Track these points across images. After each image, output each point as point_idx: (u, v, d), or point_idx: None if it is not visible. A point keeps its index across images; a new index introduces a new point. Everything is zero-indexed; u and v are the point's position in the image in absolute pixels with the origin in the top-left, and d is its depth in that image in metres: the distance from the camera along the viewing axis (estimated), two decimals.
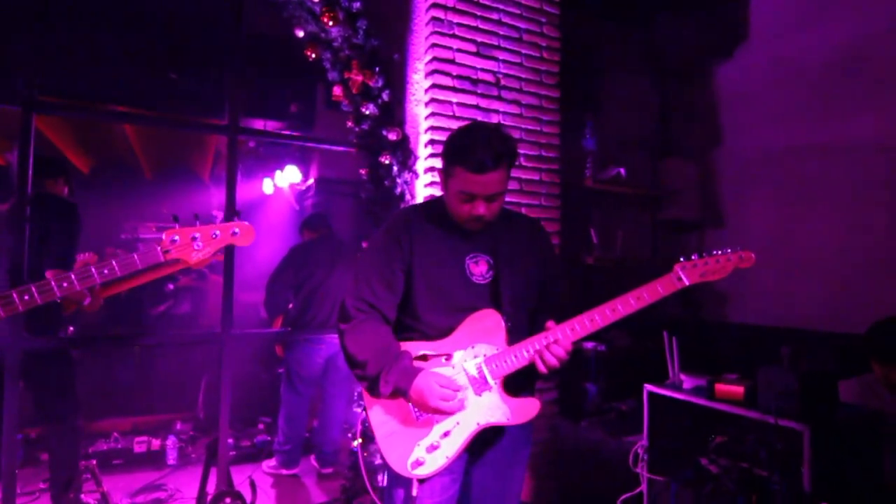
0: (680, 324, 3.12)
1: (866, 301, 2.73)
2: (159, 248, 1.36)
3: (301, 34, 2.66)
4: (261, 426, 3.93)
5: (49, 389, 2.51)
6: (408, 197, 2.72)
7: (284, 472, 3.41)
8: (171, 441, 3.49)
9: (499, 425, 1.46)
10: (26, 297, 1.25)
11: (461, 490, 1.53)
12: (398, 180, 2.68)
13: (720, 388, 2.21)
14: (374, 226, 2.70)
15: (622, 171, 3.63)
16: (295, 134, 3.97)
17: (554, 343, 1.42)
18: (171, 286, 4.64)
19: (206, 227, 1.39)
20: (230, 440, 3.54)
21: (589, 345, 3.23)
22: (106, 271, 1.30)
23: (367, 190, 2.76)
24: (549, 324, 1.46)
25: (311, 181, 5.41)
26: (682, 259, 1.51)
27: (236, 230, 1.42)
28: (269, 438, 3.76)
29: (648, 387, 2.46)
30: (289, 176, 5.27)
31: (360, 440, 2.65)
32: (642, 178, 3.86)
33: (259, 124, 4.31)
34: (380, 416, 1.47)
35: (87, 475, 2.50)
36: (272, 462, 3.46)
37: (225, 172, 2.59)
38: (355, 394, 2.74)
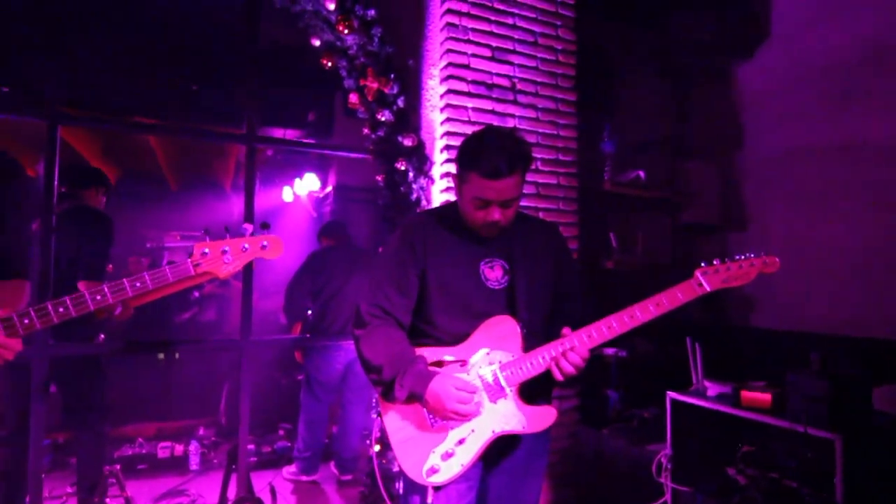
0: (703, 329, 3.05)
1: None
2: (190, 262, 1.36)
3: (317, 43, 2.69)
4: (281, 432, 3.96)
5: (78, 395, 2.56)
6: (424, 202, 2.72)
7: (304, 478, 3.42)
8: (193, 447, 3.53)
9: (514, 433, 1.44)
10: (61, 310, 1.26)
11: (477, 498, 1.51)
12: (414, 186, 2.68)
13: (746, 395, 2.14)
14: (391, 232, 2.70)
15: (641, 174, 3.57)
16: (311, 142, 4.02)
17: (570, 350, 1.40)
18: (196, 294, 4.72)
19: (235, 240, 1.39)
20: (251, 446, 3.58)
21: (610, 351, 3.17)
22: (138, 284, 1.31)
23: (383, 196, 2.77)
24: (566, 330, 1.43)
25: (329, 189, 5.46)
26: (703, 264, 1.47)
27: (265, 243, 1.42)
28: (289, 444, 3.78)
29: (671, 394, 2.40)
30: (308, 184, 5.33)
31: (377, 447, 2.65)
32: (662, 181, 3.80)
33: (279, 133, 4.37)
34: (395, 422, 1.46)
35: (111, 480, 2.54)
36: (292, 468, 3.47)
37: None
38: (373, 400, 2.74)
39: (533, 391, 1.47)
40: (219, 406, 4.20)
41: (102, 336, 2.79)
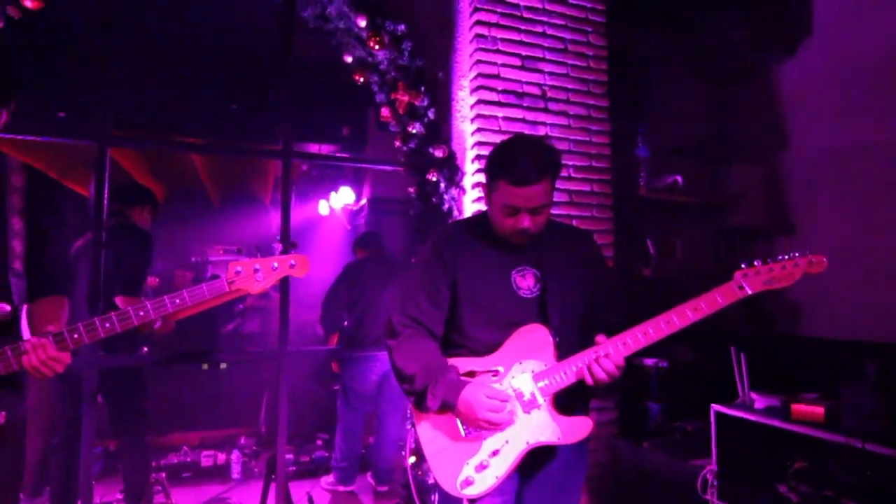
0: (748, 338, 2.92)
1: None
2: (225, 280, 1.44)
3: (349, 59, 2.75)
4: (319, 442, 4.01)
5: (121, 406, 2.66)
6: (455, 213, 2.73)
7: (341, 488, 3.44)
8: (235, 455, 3.61)
9: (549, 445, 1.41)
10: (108, 325, 1.35)
11: None
12: (445, 197, 2.70)
13: (797, 408, 2.04)
14: (423, 242, 2.72)
15: (679, 178, 3.48)
16: (344, 155, 4.10)
17: (604, 357, 1.36)
18: (240, 306, 4.87)
19: (266, 259, 1.48)
20: (290, 455, 3.63)
21: (650, 361, 3.08)
22: (178, 301, 1.40)
23: (415, 207, 2.79)
24: (600, 338, 1.40)
25: (364, 201, 5.55)
26: (742, 266, 1.42)
27: (293, 262, 1.49)
28: (326, 454, 3.82)
29: (716, 407, 2.31)
30: (343, 197, 5.43)
31: (412, 458, 2.64)
32: (701, 186, 3.69)
33: (314, 148, 4.48)
34: (428, 433, 1.45)
35: (157, 487, 2.62)
36: (330, 478, 3.50)
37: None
38: (408, 411, 2.74)
39: (568, 401, 1.44)
40: (258, 415, 4.29)
41: (146, 348, 2.90)
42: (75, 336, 1.32)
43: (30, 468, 2.94)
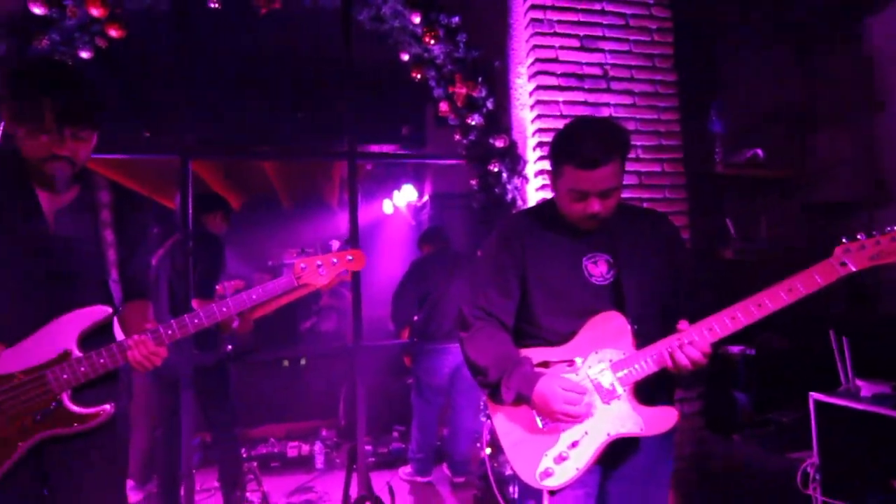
0: (849, 322, 2.67)
1: None
2: (293, 275, 1.56)
3: (406, 57, 2.77)
4: (395, 434, 4.11)
5: (212, 400, 2.85)
6: (519, 203, 2.69)
7: (419, 479, 3.52)
8: (318, 447, 3.79)
9: (631, 436, 1.36)
10: (196, 321, 1.48)
11: None
12: (508, 187, 2.67)
13: None
14: (488, 234, 2.70)
15: (759, 152, 3.23)
16: (407, 152, 4.15)
17: (688, 344, 1.29)
18: (316, 305, 5.11)
19: (326, 255, 1.60)
20: (368, 447, 3.75)
21: (735, 348, 2.90)
22: (254, 296, 1.52)
23: (478, 199, 2.78)
24: (682, 324, 1.33)
25: (426, 198, 5.61)
26: (844, 240, 1.29)
27: (350, 257, 1.61)
28: (403, 446, 3.91)
29: (815, 395, 2.13)
30: (406, 195, 5.52)
31: (488, 450, 2.65)
32: (784, 158, 3.41)
33: (374, 149, 4.59)
34: (505, 425, 1.44)
35: (250, 476, 2.79)
36: (408, 469, 3.58)
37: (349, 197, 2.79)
38: (482, 402, 2.75)
39: (650, 391, 1.38)
40: (338, 409, 4.47)
41: (230, 346, 3.10)
42: (169, 332, 1.45)
43: (136, 457, 3.23)
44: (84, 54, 2.27)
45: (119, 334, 1.54)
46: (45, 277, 1.41)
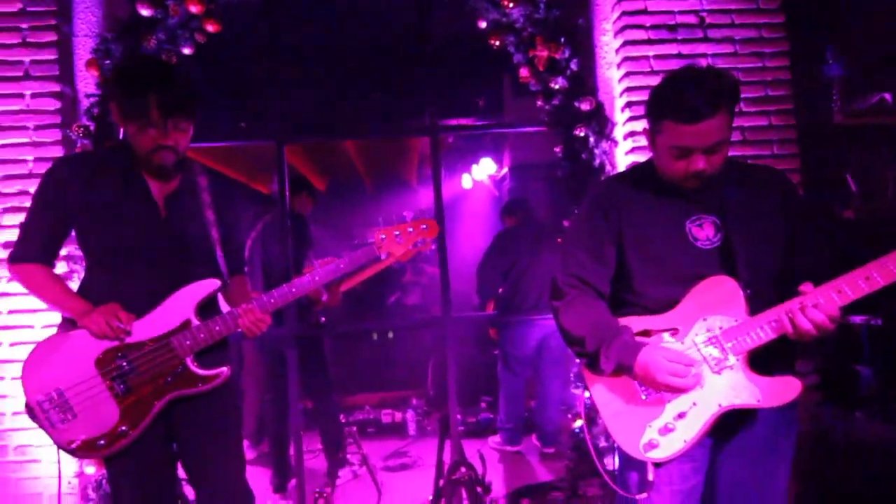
0: None
1: None
2: (374, 245, 1.67)
3: (483, 25, 2.70)
4: (483, 404, 4.20)
5: (309, 369, 3.05)
6: (608, 168, 2.57)
7: (509, 448, 3.57)
8: (410, 415, 3.99)
9: (747, 408, 1.27)
10: (294, 290, 1.62)
11: (706, 483, 1.38)
12: (596, 151, 2.55)
13: None
14: (574, 203, 2.62)
15: (887, 96, 2.84)
16: (489, 122, 4.10)
17: (812, 307, 1.17)
18: (400, 280, 5.31)
19: (402, 225, 1.70)
20: (458, 416, 3.86)
21: (858, 318, 2.62)
22: (342, 265, 1.65)
23: (563, 167, 2.69)
24: (805, 286, 1.21)
25: (505, 170, 5.56)
26: None
27: (424, 226, 1.70)
28: (491, 416, 3.99)
29: None
30: (485, 168, 5.49)
31: (582, 421, 2.62)
32: None
33: (452, 123, 4.61)
34: (604, 395, 1.40)
35: (350, 440, 2.98)
36: (497, 438, 3.65)
37: (429, 172, 2.82)
38: (571, 374, 2.71)
39: (768, 360, 1.28)
40: (426, 379, 4.64)
41: (323, 319, 3.29)
42: (271, 300, 1.59)
43: (250, 420, 3.55)
44: (186, 50, 2.43)
45: (223, 306, 1.69)
46: (162, 257, 1.58)
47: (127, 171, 1.57)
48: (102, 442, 1.48)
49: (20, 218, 2.31)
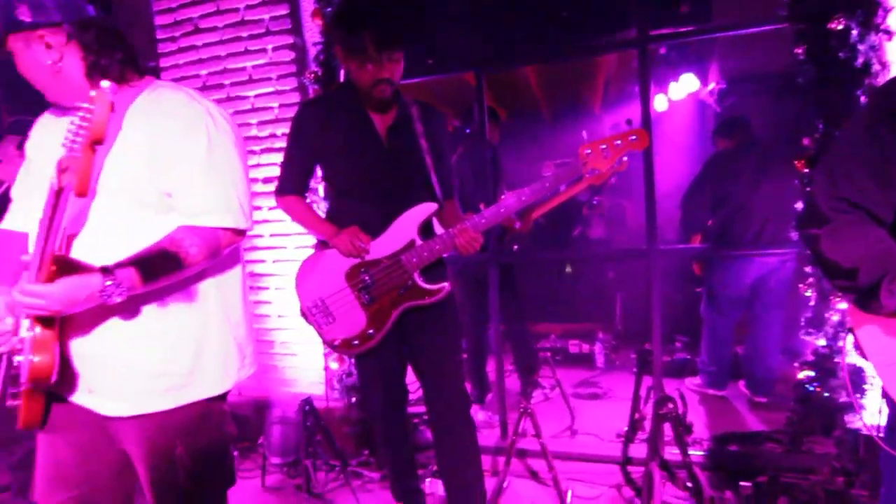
0: None
1: None
2: (579, 161, 1.61)
3: None
4: (678, 344, 3.96)
5: (503, 295, 3.17)
6: (876, 67, 2.06)
7: (711, 391, 3.34)
8: (598, 347, 3.99)
9: None
10: (501, 210, 1.70)
11: None
12: (860, 47, 2.05)
13: None
14: (819, 116, 2.18)
15: None
16: (708, 26, 3.51)
17: None
18: (583, 212, 5.17)
19: (609, 137, 1.62)
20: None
21: None
22: (547, 185, 1.66)
23: (806, 72, 2.23)
24: None
25: (711, 86, 4.87)
26: None
27: (633, 137, 1.60)
28: (687, 357, 3.76)
29: None
30: (685, 86, 4.87)
31: (809, 372, 2.32)
32: None
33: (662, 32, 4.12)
34: (876, 340, 1.18)
35: (545, 365, 3.10)
36: (696, 380, 3.43)
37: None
38: (803, 319, 2.35)
39: None
40: (613, 314, 4.52)
41: (516, 247, 3.35)
42: (482, 221, 1.68)
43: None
44: None
45: (437, 229, 1.85)
46: (388, 184, 1.75)
47: (353, 110, 1.74)
48: (356, 342, 1.77)
49: (272, 157, 2.79)
